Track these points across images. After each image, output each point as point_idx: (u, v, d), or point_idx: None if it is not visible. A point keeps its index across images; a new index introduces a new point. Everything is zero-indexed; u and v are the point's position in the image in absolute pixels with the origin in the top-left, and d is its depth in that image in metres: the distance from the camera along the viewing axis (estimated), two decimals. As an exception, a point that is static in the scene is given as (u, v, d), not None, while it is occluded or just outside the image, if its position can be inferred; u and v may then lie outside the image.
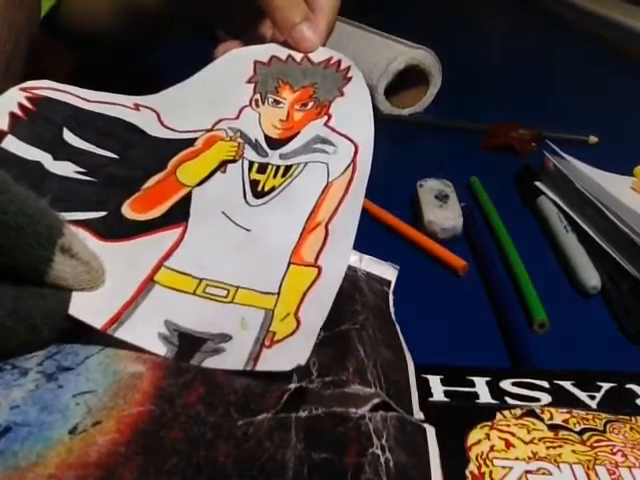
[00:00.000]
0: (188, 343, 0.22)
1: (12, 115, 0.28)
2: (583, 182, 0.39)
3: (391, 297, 0.29)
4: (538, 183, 0.42)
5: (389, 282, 0.30)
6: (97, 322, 0.22)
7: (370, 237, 0.28)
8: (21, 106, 0.28)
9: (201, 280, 0.25)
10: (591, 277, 0.33)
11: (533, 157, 0.48)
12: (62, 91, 0.31)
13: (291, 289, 0.25)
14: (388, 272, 0.30)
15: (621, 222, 0.34)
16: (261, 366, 0.21)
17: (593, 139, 0.52)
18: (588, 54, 0.82)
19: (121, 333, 0.22)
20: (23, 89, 0.29)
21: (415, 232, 0.37)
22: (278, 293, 0.24)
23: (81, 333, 0.22)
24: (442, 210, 0.38)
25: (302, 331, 0.23)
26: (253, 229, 0.27)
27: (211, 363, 0.21)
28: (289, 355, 0.21)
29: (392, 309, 0.28)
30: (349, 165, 0.30)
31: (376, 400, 0.21)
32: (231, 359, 0.22)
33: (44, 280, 0.21)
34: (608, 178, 0.41)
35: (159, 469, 0.18)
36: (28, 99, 0.29)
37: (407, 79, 0.56)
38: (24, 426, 0.19)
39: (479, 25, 1.01)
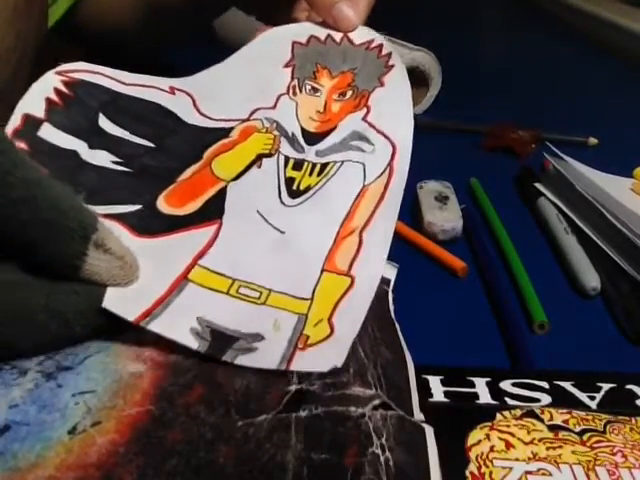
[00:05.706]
0: (220, 339, 0.22)
1: (48, 101, 0.27)
2: (583, 184, 0.39)
3: (390, 295, 0.29)
4: (538, 184, 0.42)
5: (388, 280, 0.30)
6: (130, 315, 0.22)
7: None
8: (57, 91, 0.28)
9: (234, 280, 0.25)
10: (591, 278, 0.33)
11: (533, 158, 0.48)
12: (98, 73, 0.30)
13: (324, 296, 0.24)
14: (387, 270, 0.30)
15: (621, 223, 0.34)
16: (295, 366, 0.21)
17: (593, 141, 0.52)
18: (588, 56, 0.82)
19: (153, 326, 0.22)
20: (59, 72, 0.29)
21: (415, 233, 0.37)
22: (311, 299, 0.24)
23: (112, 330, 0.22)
24: (442, 211, 0.38)
25: (336, 337, 0.23)
26: (287, 231, 0.27)
27: (244, 361, 0.22)
28: (324, 357, 0.22)
29: (392, 308, 0.28)
30: (385, 168, 0.29)
31: (376, 402, 0.21)
32: (264, 358, 0.22)
33: (78, 275, 0.22)
34: (608, 180, 0.41)
35: (159, 470, 0.18)
36: (64, 83, 0.28)
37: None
38: (23, 425, 0.19)
39: (479, 26, 1.02)
